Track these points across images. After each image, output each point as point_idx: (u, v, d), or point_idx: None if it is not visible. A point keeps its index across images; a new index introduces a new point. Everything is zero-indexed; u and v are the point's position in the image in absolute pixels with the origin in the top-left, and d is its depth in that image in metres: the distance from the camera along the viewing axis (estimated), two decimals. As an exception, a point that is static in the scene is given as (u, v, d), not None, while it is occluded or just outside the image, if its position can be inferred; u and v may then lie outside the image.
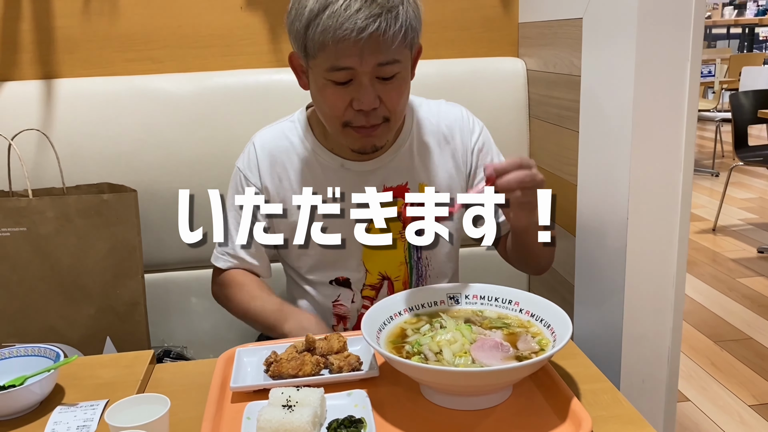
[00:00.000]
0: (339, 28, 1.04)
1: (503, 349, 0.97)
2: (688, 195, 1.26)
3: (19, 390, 0.96)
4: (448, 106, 1.35)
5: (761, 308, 3.20)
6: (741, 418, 2.33)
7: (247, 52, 1.71)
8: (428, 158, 1.30)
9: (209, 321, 1.71)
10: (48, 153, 1.55)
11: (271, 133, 1.32)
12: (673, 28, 1.18)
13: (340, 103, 1.13)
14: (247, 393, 1.00)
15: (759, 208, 4.88)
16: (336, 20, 1.04)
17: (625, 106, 1.22)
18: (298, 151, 1.29)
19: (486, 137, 1.34)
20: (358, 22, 1.03)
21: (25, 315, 1.46)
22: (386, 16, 1.05)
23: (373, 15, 1.04)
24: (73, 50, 1.65)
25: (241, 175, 1.31)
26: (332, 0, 1.05)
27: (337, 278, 1.32)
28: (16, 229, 1.44)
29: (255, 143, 1.32)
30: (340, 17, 1.04)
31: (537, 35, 1.67)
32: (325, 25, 1.05)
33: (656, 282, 1.30)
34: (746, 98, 4.23)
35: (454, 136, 1.32)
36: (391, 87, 1.13)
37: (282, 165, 1.29)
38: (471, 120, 1.34)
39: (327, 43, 1.06)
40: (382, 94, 1.12)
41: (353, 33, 1.04)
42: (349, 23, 1.04)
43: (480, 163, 1.32)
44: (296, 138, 1.30)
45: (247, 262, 1.32)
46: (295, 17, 1.10)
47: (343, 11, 1.04)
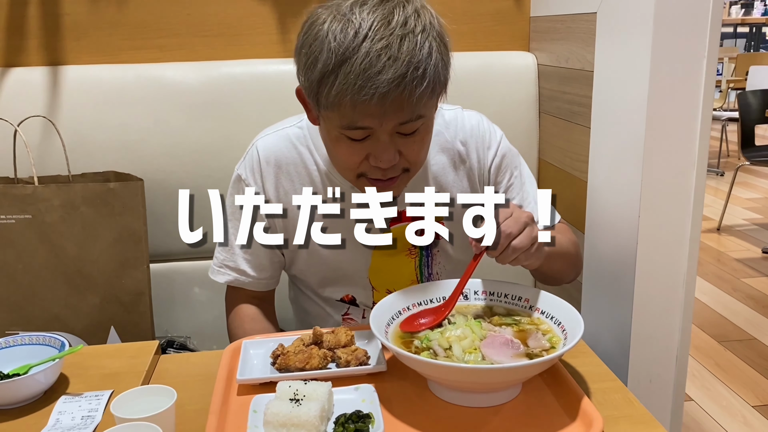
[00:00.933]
0: (358, 92, 0.92)
1: (513, 346, 0.96)
2: (700, 194, 1.25)
3: (24, 379, 0.95)
4: (464, 116, 1.24)
5: (765, 309, 3.18)
6: (744, 418, 2.33)
7: (255, 42, 1.69)
8: (443, 180, 1.21)
9: (213, 312, 1.70)
10: (54, 140, 1.53)
11: (277, 140, 1.21)
12: (690, 24, 1.16)
13: (356, 158, 1.03)
14: (254, 386, 0.99)
15: (764, 208, 4.87)
16: (355, 82, 0.91)
17: (640, 102, 1.21)
18: (306, 163, 1.19)
19: (505, 150, 1.24)
20: (380, 87, 0.91)
21: (30, 303, 1.45)
22: (412, 76, 0.92)
23: (397, 77, 0.91)
24: (81, 37, 1.63)
25: (242, 185, 1.21)
26: (349, 54, 0.92)
27: (343, 298, 1.28)
28: (21, 216, 1.43)
29: (259, 150, 1.20)
30: (359, 79, 0.91)
31: (549, 29, 1.65)
32: (341, 87, 0.92)
33: (666, 282, 1.29)
34: (754, 98, 4.21)
35: (470, 154, 1.22)
36: (413, 141, 1.02)
37: (288, 177, 1.19)
38: (488, 133, 1.24)
39: (343, 104, 0.94)
40: (403, 148, 1.02)
41: (374, 99, 0.92)
42: (370, 88, 0.91)
43: (498, 180, 1.24)
44: (304, 149, 1.19)
45: (249, 275, 1.23)
46: (307, 65, 0.97)
47: (363, 71, 0.91)
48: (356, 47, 0.92)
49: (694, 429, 2.27)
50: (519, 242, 0.97)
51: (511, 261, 1.00)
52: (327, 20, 0.95)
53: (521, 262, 1.00)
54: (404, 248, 1.23)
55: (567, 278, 1.28)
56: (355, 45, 0.92)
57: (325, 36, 0.94)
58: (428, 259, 1.26)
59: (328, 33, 0.94)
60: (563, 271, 1.25)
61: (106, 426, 0.87)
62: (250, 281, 1.24)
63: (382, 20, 0.93)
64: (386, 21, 0.93)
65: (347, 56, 0.92)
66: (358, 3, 0.96)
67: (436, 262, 1.27)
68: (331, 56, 0.93)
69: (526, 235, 0.98)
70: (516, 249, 0.97)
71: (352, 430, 0.85)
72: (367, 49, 0.91)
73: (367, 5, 0.95)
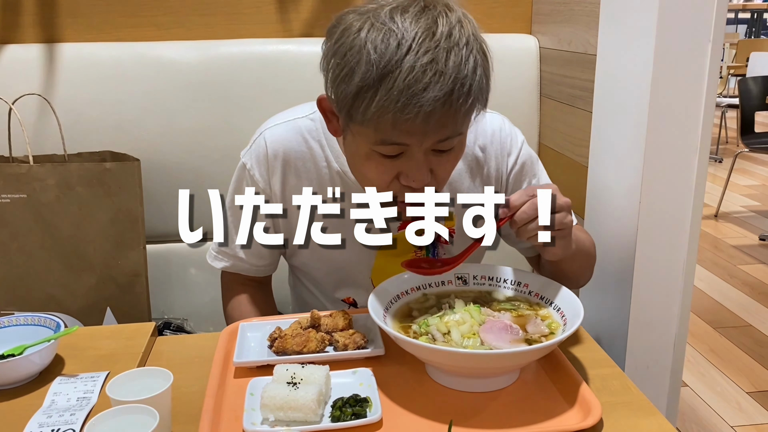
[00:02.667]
0: (401, 110, 0.84)
1: (513, 331, 0.95)
2: (702, 181, 1.24)
3: (19, 359, 0.95)
4: (486, 119, 1.17)
5: (761, 296, 3.19)
6: (739, 405, 2.34)
7: (254, 21, 1.67)
8: (458, 186, 1.16)
9: (210, 293, 1.69)
10: (49, 119, 1.52)
11: (286, 130, 1.14)
12: (695, 8, 1.15)
13: (386, 176, 0.96)
14: (251, 368, 0.98)
15: (762, 195, 4.87)
16: (398, 99, 0.84)
17: (643, 87, 1.19)
18: (316, 159, 1.13)
19: (525, 158, 1.19)
20: (425, 105, 0.84)
21: (25, 283, 1.44)
22: (458, 93, 0.86)
23: (443, 94, 0.85)
24: (77, 14, 1.61)
25: (247, 174, 1.16)
26: (392, 68, 0.84)
27: (344, 299, 1.25)
28: (16, 195, 1.42)
29: (267, 141, 1.14)
30: (403, 95, 0.84)
31: (551, 12, 1.63)
32: (381, 104, 0.85)
33: (665, 269, 1.28)
34: (754, 84, 4.19)
35: (488, 160, 1.17)
36: (447, 159, 0.97)
37: (295, 172, 1.13)
38: (510, 138, 1.18)
39: (382, 121, 0.87)
40: (436, 167, 0.96)
41: (418, 118, 0.85)
42: (414, 106, 0.84)
43: (515, 188, 1.20)
44: (315, 143, 1.13)
45: (247, 261, 1.21)
46: (341, 77, 0.89)
47: (407, 87, 0.84)
48: (399, 60, 0.84)
49: (690, 415, 2.28)
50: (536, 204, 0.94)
51: (533, 238, 0.95)
52: (364, 28, 0.87)
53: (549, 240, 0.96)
54: (409, 251, 1.20)
55: (582, 280, 1.23)
56: (398, 58, 0.84)
57: (363, 46, 0.86)
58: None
59: (367, 43, 0.86)
60: (581, 272, 1.20)
61: (102, 408, 0.86)
62: (248, 268, 1.23)
63: (426, 31, 0.86)
64: (430, 32, 0.86)
65: (389, 70, 0.84)
66: (398, 10, 0.88)
67: None
68: (371, 69, 0.85)
69: (558, 217, 0.94)
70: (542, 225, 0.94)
71: (350, 413, 0.85)
72: (412, 63, 0.84)
73: (409, 13, 0.87)
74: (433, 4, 0.89)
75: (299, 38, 1.68)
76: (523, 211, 0.94)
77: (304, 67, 1.62)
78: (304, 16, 1.68)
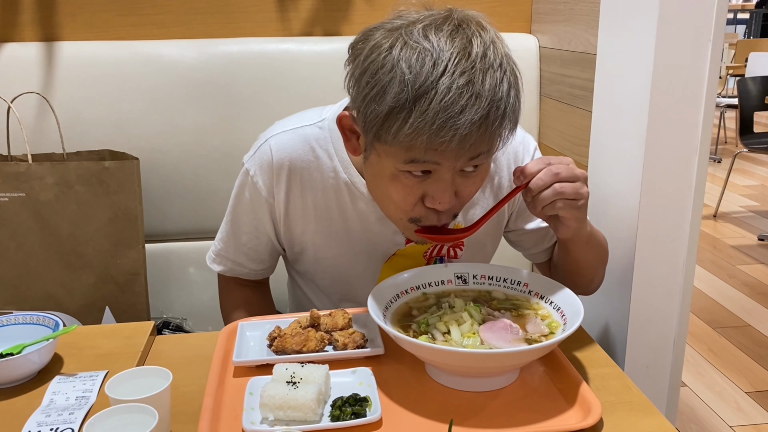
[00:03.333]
0: (436, 133, 0.82)
1: (513, 331, 0.95)
2: (702, 181, 1.24)
3: (17, 358, 0.94)
4: None
5: (760, 296, 3.20)
6: (738, 404, 2.34)
7: (253, 20, 1.67)
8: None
9: (209, 292, 1.70)
10: (48, 117, 1.51)
11: (293, 139, 1.09)
12: (695, 8, 1.14)
13: (411, 198, 0.93)
14: (250, 368, 0.98)
15: (761, 195, 4.87)
16: (433, 121, 0.81)
17: (643, 86, 1.19)
18: (323, 169, 1.09)
19: None
20: (460, 128, 0.81)
21: (24, 282, 1.44)
22: (494, 116, 0.83)
23: (479, 117, 0.82)
24: (76, 13, 1.61)
25: (250, 181, 1.12)
26: (427, 88, 0.81)
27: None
28: (15, 194, 1.41)
29: (272, 148, 1.09)
30: (438, 118, 0.81)
31: (551, 11, 1.63)
32: (416, 126, 0.82)
33: (665, 268, 1.28)
34: (754, 84, 4.20)
35: (500, 170, 1.15)
36: (473, 181, 0.95)
37: (301, 182, 1.10)
38: (521, 146, 1.15)
39: (415, 144, 0.84)
40: (461, 189, 0.94)
41: (454, 141, 0.82)
42: (450, 129, 0.81)
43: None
44: (323, 152, 1.09)
45: (245, 266, 1.20)
46: (371, 96, 0.85)
47: (443, 110, 0.81)
48: (435, 81, 0.81)
49: (688, 414, 2.28)
50: (563, 187, 0.93)
51: (547, 207, 0.94)
52: (396, 46, 0.84)
53: (558, 210, 0.95)
54: (416, 266, 1.16)
55: (597, 279, 1.20)
56: (434, 78, 0.81)
57: (396, 64, 0.83)
58: None
59: (401, 61, 0.83)
60: (596, 264, 1.17)
61: (101, 407, 0.86)
62: (246, 272, 1.22)
63: (462, 51, 0.83)
64: (466, 52, 0.83)
65: (425, 90, 0.81)
66: (432, 28, 0.85)
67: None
68: (406, 89, 0.82)
69: (574, 185, 0.93)
70: (557, 192, 0.93)
71: (349, 413, 0.84)
72: (448, 84, 0.81)
73: (443, 32, 0.84)
74: (466, 23, 0.86)
75: (299, 37, 1.68)
76: (539, 177, 0.93)
77: (304, 66, 1.62)
78: (303, 15, 1.67)
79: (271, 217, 1.14)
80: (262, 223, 1.15)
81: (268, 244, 1.18)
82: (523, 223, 1.20)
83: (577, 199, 0.95)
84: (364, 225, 1.13)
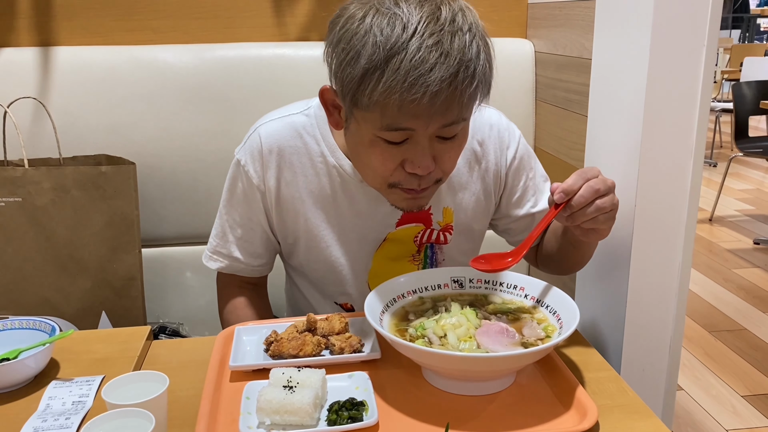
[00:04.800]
0: (407, 90, 0.86)
1: (509, 334, 0.95)
2: (697, 185, 1.24)
3: (13, 363, 0.94)
4: (483, 114, 1.18)
5: (756, 299, 3.21)
6: (734, 408, 2.34)
7: (250, 25, 1.67)
8: (456, 180, 1.17)
9: (205, 297, 1.70)
10: (45, 122, 1.51)
11: (281, 126, 1.14)
12: (690, 12, 1.15)
13: (390, 164, 0.97)
14: (246, 372, 0.98)
15: (756, 199, 4.89)
16: (404, 79, 0.86)
17: (638, 91, 1.19)
18: (311, 154, 1.13)
19: (523, 152, 1.22)
20: (431, 85, 0.86)
21: (20, 287, 1.43)
22: (463, 75, 0.88)
23: (449, 75, 0.87)
24: (72, 17, 1.61)
25: (242, 171, 1.15)
26: (398, 49, 0.86)
27: (342, 305, 1.25)
28: (11, 199, 1.41)
29: (261, 136, 1.14)
30: (410, 76, 0.86)
31: (547, 16, 1.63)
32: (389, 84, 0.87)
33: (661, 272, 1.28)
34: (748, 89, 4.22)
35: (486, 154, 1.18)
36: (451, 146, 0.99)
37: (290, 167, 1.13)
38: (507, 132, 1.20)
39: (389, 103, 0.89)
40: (440, 155, 0.98)
41: (425, 98, 0.87)
42: (420, 86, 0.86)
43: (514, 182, 1.22)
44: (310, 138, 1.13)
45: (242, 262, 1.21)
46: (347, 61, 0.90)
47: (413, 68, 0.86)
48: (405, 42, 0.86)
49: (685, 418, 2.29)
50: (603, 202, 0.96)
51: (588, 222, 0.97)
52: (369, 14, 0.90)
53: (599, 224, 0.98)
54: (407, 254, 1.20)
55: (582, 265, 1.25)
56: (404, 39, 0.86)
57: (368, 30, 0.88)
58: (432, 266, 1.23)
59: (373, 27, 0.88)
60: (588, 256, 1.21)
61: (97, 412, 0.86)
62: (243, 268, 1.22)
63: (431, 15, 0.88)
64: (434, 17, 0.88)
65: (396, 51, 0.86)
66: None
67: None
68: (378, 51, 0.87)
69: (610, 197, 0.97)
70: (599, 208, 0.96)
71: (346, 417, 0.85)
72: (418, 45, 0.86)
73: (413, 0, 0.90)
74: None
75: (295, 42, 1.69)
76: (580, 195, 0.95)
77: (301, 71, 1.63)
78: (300, 20, 1.68)
79: (264, 207, 1.16)
80: (255, 213, 1.17)
81: (262, 235, 1.19)
82: (513, 210, 1.24)
83: (614, 210, 0.99)
84: (354, 208, 1.15)
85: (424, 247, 1.21)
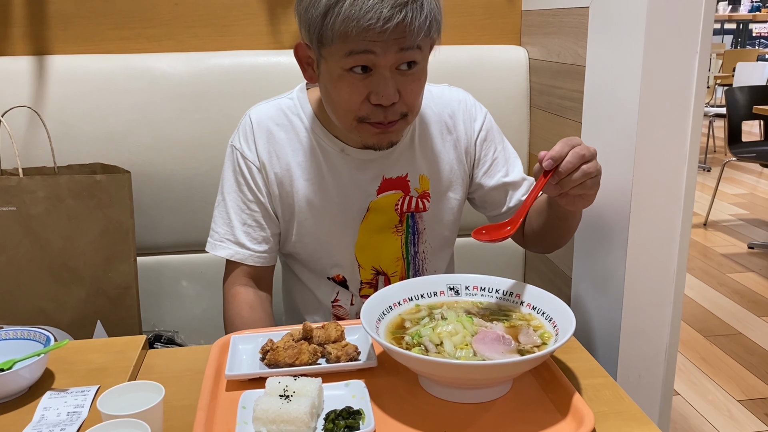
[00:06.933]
0: (362, 17, 0.99)
1: (505, 342, 0.95)
2: (691, 190, 1.25)
3: (8, 374, 0.94)
4: (451, 91, 1.33)
5: (751, 304, 3.21)
6: (730, 412, 2.35)
7: (244, 33, 1.67)
8: (430, 149, 1.28)
9: (201, 306, 1.69)
10: (39, 131, 1.51)
11: (269, 108, 1.27)
12: (682, 20, 1.16)
13: (357, 96, 1.08)
14: (243, 381, 0.98)
15: (750, 203, 4.91)
16: (359, 9, 0.99)
17: (632, 97, 1.20)
18: (297, 130, 1.24)
19: (489, 125, 1.32)
20: (383, 11, 0.99)
21: (14, 296, 1.43)
22: (412, 6, 1.01)
23: (399, 4, 1.00)
24: (67, 26, 1.61)
25: (237, 154, 1.25)
26: None
27: (334, 277, 1.30)
28: (6, 208, 1.41)
29: (251, 117, 1.26)
30: (364, 5, 0.99)
31: (541, 23, 1.64)
32: (346, 14, 1.00)
33: (656, 277, 1.29)
34: (741, 94, 4.24)
35: (456, 126, 1.30)
36: (411, 79, 1.09)
37: (279, 143, 1.24)
38: (474, 107, 1.32)
39: (348, 32, 1.02)
40: (402, 87, 1.08)
41: (378, 22, 0.99)
42: (374, 12, 0.99)
43: (484, 153, 1.31)
44: (295, 117, 1.25)
45: (249, 248, 1.24)
46: (310, 4, 1.05)
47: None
48: None
49: (681, 423, 2.29)
50: (589, 167, 1.01)
51: (575, 188, 1.02)
52: None
53: (586, 189, 1.04)
54: (391, 224, 1.28)
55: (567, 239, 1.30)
56: None
57: None
58: (414, 237, 1.30)
59: None
60: (574, 227, 1.26)
61: (93, 422, 0.85)
62: (249, 255, 1.25)
63: None
64: None
65: None
66: None
67: (423, 240, 1.31)
68: None
69: (594, 163, 1.02)
70: (586, 173, 1.01)
71: (343, 426, 0.84)
72: None
73: None
74: None
75: (290, 50, 1.67)
76: (567, 161, 1.00)
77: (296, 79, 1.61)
78: (294, 27, 1.68)
79: (263, 181, 1.24)
80: (255, 192, 1.23)
81: (265, 214, 1.25)
82: (485, 180, 1.32)
83: (599, 176, 1.05)
84: (337, 179, 1.24)
85: (405, 217, 1.28)
